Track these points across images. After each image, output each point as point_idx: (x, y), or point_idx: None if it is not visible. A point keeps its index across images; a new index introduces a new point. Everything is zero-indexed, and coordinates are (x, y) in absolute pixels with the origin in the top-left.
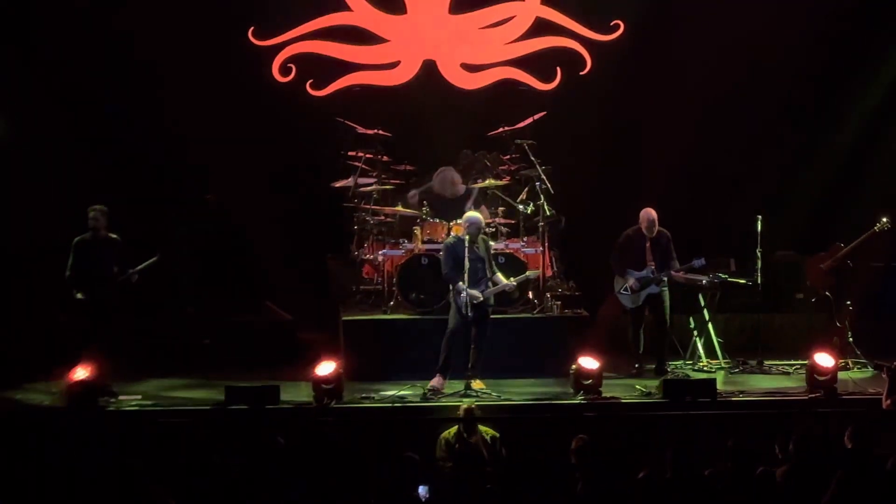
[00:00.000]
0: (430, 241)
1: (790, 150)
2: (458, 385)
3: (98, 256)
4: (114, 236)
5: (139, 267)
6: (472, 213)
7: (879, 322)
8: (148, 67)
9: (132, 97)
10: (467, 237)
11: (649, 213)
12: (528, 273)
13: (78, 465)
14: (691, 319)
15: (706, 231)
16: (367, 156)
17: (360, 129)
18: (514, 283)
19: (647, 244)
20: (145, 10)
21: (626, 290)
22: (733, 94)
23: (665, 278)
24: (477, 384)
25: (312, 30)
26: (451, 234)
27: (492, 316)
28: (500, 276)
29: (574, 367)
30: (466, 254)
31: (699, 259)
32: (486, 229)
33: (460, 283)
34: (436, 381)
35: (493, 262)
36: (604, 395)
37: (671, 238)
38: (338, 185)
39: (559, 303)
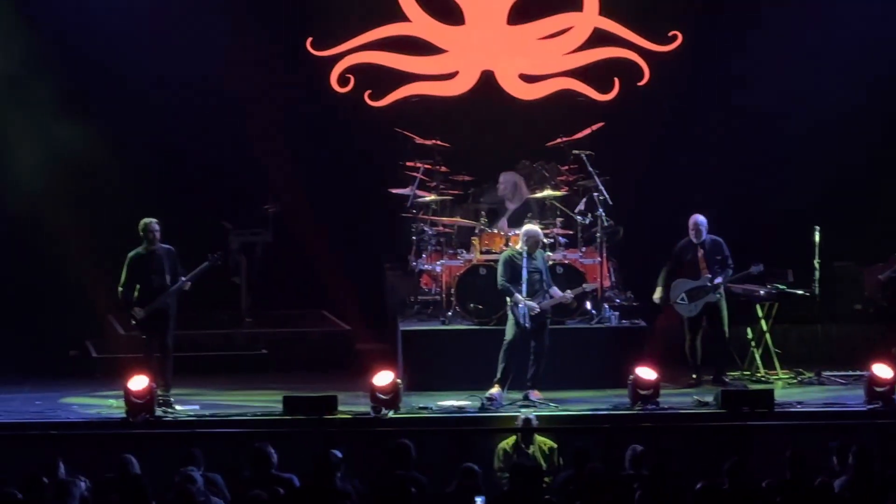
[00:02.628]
0: (488, 252)
1: (849, 160)
2: (517, 395)
3: (154, 269)
4: (167, 247)
5: (191, 274)
6: (530, 226)
7: None
8: (207, 77)
9: (189, 107)
10: (525, 249)
11: (694, 217)
12: (584, 286)
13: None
14: (749, 330)
15: (764, 241)
16: (426, 166)
17: (419, 140)
18: (572, 295)
19: (700, 253)
20: (203, 20)
21: (682, 299)
22: (790, 104)
23: (721, 286)
24: (535, 395)
25: (371, 40)
26: (510, 245)
27: (550, 327)
28: (556, 288)
29: (632, 377)
30: (525, 265)
31: (757, 265)
32: (545, 241)
33: (517, 294)
34: (494, 392)
35: (550, 274)
36: (661, 405)
37: (724, 244)
38: (395, 191)
39: (617, 313)
